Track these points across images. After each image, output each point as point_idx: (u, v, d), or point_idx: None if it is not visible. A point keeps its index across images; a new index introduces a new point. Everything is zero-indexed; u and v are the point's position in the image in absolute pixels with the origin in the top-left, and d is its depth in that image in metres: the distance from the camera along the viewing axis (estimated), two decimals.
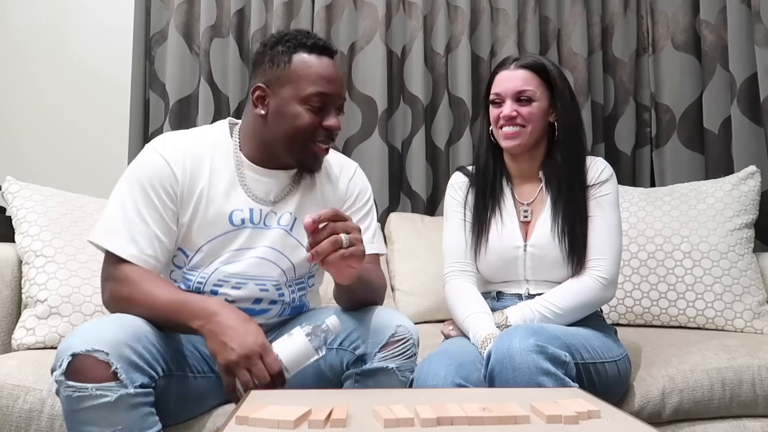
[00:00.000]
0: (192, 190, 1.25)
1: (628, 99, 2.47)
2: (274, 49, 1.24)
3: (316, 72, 1.23)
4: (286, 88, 1.23)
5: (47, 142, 2.23)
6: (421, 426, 0.80)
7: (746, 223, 1.88)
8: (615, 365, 1.33)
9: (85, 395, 0.98)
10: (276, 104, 1.24)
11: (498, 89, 1.46)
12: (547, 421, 0.83)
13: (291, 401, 0.90)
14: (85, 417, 0.98)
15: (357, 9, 2.38)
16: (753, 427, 1.47)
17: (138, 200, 1.21)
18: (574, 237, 1.42)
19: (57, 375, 0.99)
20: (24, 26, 2.25)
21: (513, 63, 1.47)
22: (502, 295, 1.50)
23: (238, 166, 1.28)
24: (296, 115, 1.23)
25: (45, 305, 1.51)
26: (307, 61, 1.23)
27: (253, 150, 1.29)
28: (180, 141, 1.29)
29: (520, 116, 1.43)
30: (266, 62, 1.25)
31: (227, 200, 1.26)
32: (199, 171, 1.26)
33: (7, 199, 1.67)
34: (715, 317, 1.81)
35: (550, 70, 1.46)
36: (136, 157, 1.27)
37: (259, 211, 1.28)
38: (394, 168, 2.36)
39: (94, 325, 1.05)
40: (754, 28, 2.19)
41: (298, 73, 1.22)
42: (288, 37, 1.25)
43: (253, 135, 1.29)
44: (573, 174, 1.45)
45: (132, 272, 1.18)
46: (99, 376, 0.98)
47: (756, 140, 2.23)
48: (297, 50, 1.23)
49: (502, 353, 1.16)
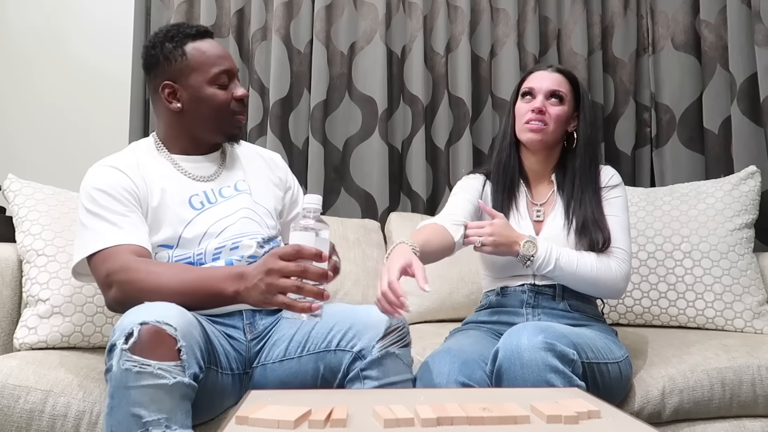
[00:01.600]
0: (150, 194, 1.32)
1: (628, 99, 2.47)
2: (164, 48, 1.34)
3: (212, 54, 1.35)
4: (192, 76, 1.34)
5: (48, 141, 2.23)
6: (421, 426, 0.80)
7: (746, 223, 1.88)
8: (617, 367, 1.33)
9: (145, 372, 0.96)
10: (189, 94, 1.34)
11: (532, 84, 1.54)
12: (547, 421, 0.83)
13: (291, 401, 0.91)
14: (138, 397, 0.96)
15: (357, 9, 2.38)
16: (753, 427, 1.47)
17: (103, 201, 1.27)
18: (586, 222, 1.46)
19: (120, 345, 0.97)
20: (24, 26, 2.25)
21: (551, 67, 1.57)
22: (506, 290, 1.51)
23: (173, 162, 1.38)
24: (211, 96, 1.34)
25: (47, 304, 1.51)
26: (200, 48, 1.35)
27: (177, 144, 1.39)
28: (120, 156, 1.38)
29: (547, 114, 1.50)
30: (162, 62, 1.35)
31: (181, 191, 1.35)
32: (149, 178, 1.34)
33: (8, 198, 1.67)
34: (715, 317, 1.81)
35: (581, 84, 1.57)
36: (84, 179, 1.33)
37: (211, 190, 1.38)
38: (394, 168, 2.37)
39: (154, 304, 1.04)
40: (754, 28, 2.19)
41: (197, 60, 1.34)
42: (171, 33, 1.35)
43: (175, 130, 1.39)
44: (588, 181, 1.52)
45: (140, 259, 1.19)
46: (163, 353, 0.98)
47: (756, 140, 2.22)
48: (185, 42, 1.35)
49: (511, 350, 1.16)
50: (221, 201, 1.37)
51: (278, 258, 1.06)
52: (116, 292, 1.18)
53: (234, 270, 1.14)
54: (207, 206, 1.36)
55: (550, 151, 1.56)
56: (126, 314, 1.04)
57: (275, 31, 2.29)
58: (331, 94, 2.34)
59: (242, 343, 1.29)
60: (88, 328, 1.53)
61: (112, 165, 1.34)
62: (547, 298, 1.47)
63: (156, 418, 0.96)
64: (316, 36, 2.30)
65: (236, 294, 1.11)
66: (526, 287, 1.49)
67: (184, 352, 0.99)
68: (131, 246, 1.22)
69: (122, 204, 1.28)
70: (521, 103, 1.55)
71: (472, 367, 1.23)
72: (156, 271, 1.17)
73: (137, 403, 0.96)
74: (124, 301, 1.16)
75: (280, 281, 1.06)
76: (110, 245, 1.21)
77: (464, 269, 2.01)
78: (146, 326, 0.98)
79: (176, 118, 1.37)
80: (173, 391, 0.98)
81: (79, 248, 1.27)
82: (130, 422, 0.96)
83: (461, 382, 1.19)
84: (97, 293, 1.54)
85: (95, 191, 1.28)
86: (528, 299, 1.48)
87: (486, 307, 1.54)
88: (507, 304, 1.50)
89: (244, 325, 1.32)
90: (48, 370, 1.30)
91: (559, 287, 1.48)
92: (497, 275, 1.53)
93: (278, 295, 1.07)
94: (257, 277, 1.08)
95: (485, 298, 1.57)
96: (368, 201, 2.30)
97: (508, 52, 2.38)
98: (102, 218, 1.26)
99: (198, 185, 1.37)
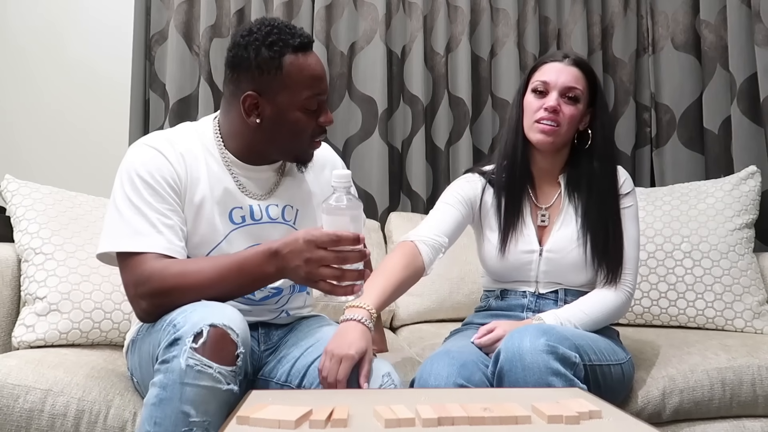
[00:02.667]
0: (193, 190, 1.23)
1: (628, 99, 2.47)
2: (260, 54, 1.18)
3: (310, 74, 1.20)
4: (282, 94, 1.19)
5: (47, 141, 2.23)
6: (422, 426, 0.80)
7: (746, 223, 1.88)
8: (620, 368, 1.33)
9: (205, 373, 0.97)
10: (272, 112, 1.20)
11: (546, 78, 1.40)
12: (548, 421, 0.83)
13: (292, 401, 0.90)
14: (192, 395, 0.97)
15: (357, 9, 2.38)
16: (753, 427, 1.47)
17: (146, 194, 1.18)
18: (606, 241, 1.39)
19: (189, 342, 0.97)
20: (24, 26, 2.25)
21: (567, 58, 1.41)
22: (507, 294, 1.49)
23: (227, 164, 1.27)
24: (296, 121, 1.21)
25: (44, 302, 1.51)
26: (299, 65, 1.19)
27: (240, 150, 1.27)
28: (169, 137, 1.26)
29: (561, 114, 1.38)
30: (253, 69, 1.18)
31: (226, 200, 1.25)
32: (196, 171, 1.23)
33: (5, 197, 1.67)
34: (715, 317, 1.81)
35: (597, 78, 1.43)
36: (127, 154, 1.24)
37: (258, 207, 1.27)
38: (394, 168, 2.36)
39: (215, 305, 1.04)
40: (754, 28, 2.19)
41: (292, 78, 1.18)
42: (272, 39, 1.18)
43: (242, 138, 1.25)
44: (605, 182, 1.42)
45: (168, 263, 1.13)
46: (223, 357, 0.98)
47: (756, 140, 2.23)
48: (285, 52, 1.18)
49: (512, 352, 1.16)
50: (265, 221, 1.28)
51: (315, 247, 1.05)
52: (147, 304, 1.13)
53: (267, 249, 1.11)
54: (249, 222, 1.26)
55: (558, 151, 1.46)
56: (190, 311, 1.03)
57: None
58: (331, 94, 2.34)
59: (255, 353, 1.28)
60: (86, 324, 1.52)
61: (157, 147, 1.22)
62: (549, 303, 1.45)
63: (202, 420, 0.97)
64: (316, 36, 2.29)
65: (278, 272, 1.10)
66: (527, 292, 1.46)
67: (241, 359, 1.00)
68: (164, 256, 1.15)
69: (164, 201, 1.18)
70: (532, 98, 1.41)
71: (471, 369, 1.21)
72: (190, 271, 1.12)
73: (190, 401, 0.97)
74: (156, 312, 1.12)
75: (320, 270, 1.05)
76: (143, 251, 1.14)
77: (464, 269, 2.01)
78: (215, 328, 0.98)
79: (249, 129, 1.23)
80: (221, 397, 0.98)
81: (111, 238, 1.18)
82: (177, 418, 0.97)
83: (459, 385, 1.18)
84: (94, 290, 1.54)
85: (137, 178, 1.18)
86: (529, 304, 1.46)
87: (485, 309, 1.53)
88: (508, 308, 1.48)
89: (258, 335, 1.31)
90: (47, 369, 1.30)
91: (561, 292, 1.45)
92: (498, 279, 1.51)
93: (319, 283, 1.07)
94: (294, 261, 1.07)
95: (485, 298, 1.55)
96: (368, 201, 2.30)
97: (508, 52, 2.38)
98: (141, 214, 1.16)
99: (246, 199, 1.26)
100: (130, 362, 1.28)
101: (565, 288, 1.45)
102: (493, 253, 1.46)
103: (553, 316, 1.36)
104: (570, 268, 1.42)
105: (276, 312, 1.34)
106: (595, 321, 1.38)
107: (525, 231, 1.45)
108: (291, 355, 1.24)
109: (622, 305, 1.41)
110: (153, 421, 0.98)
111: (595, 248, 1.40)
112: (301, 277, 1.08)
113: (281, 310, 1.34)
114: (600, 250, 1.40)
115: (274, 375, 1.25)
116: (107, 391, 1.29)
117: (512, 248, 1.45)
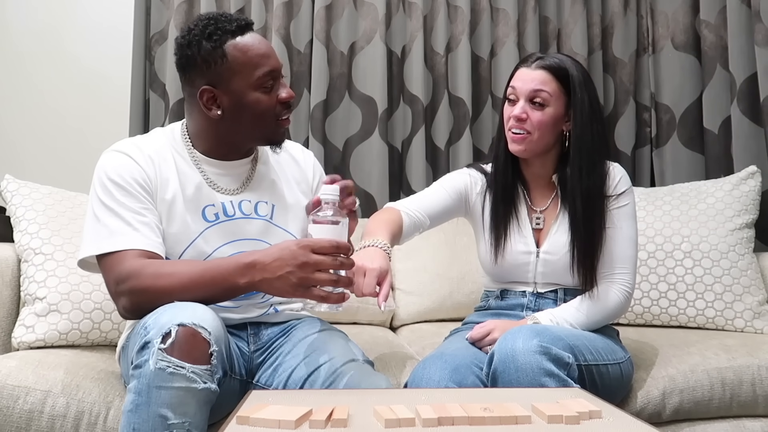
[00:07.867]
0: (164, 189, 1.24)
1: (628, 99, 2.47)
2: (202, 48, 1.19)
3: (255, 53, 1.21)
4: (234, 81, 1.21)
5: (47, 141, 2.23)
6: (423, 426, 0.80)
7: (746, 223, 1.88)
8: (618, 368, 1.32)
9: (178, 374, 0.96)
10: (230, 100, 1.22)
11: (515, 83, 1.40)
12: (548, 421, 0.83)
13: (292, 401, 0.90)
14: (167, 398, 0.96)
15: (357, 9, 2.38)
16: (753, 427, 1.47)
17: (118, 195, 1.20)
18: (587, 247, 1.39)
19: (157, 344, 0.96)
20: (24, 26, 2.25)
21: (535, 61, 1.39)
22: (507, 294, 1.50)
23: (197, 163, 1.28)
24: (255, 102, 1.22)
25: (44, 302, 1.51)
26: (241, 48, 1.20)
27: (210, 147, 1.29)
28: (137, 142, 1.28)
29: (529, 121, 1.37)
30: (201, 64, 1.20)
31: (197, 198, 1.26)
32: (165, 172, 1.25)
33: (5, 197, 1.67)
34: (716, 317, 1.81)
35: (573, 75, 1.37)
36: (98, 163, 1.26)
37: (230, 203, 1.28)
38: (394, 168, 2.36)
39: (186, 305, 1.03)
40: (754, 28, 2.19)
41: (238, 62, 1.20)
42: (209, 30, 1.20)
43: (210, 134, 1.27)
44: (591, 185, 1.39)
45: (146, 263, 1.14)
46: (196, 357, 0.97)
47: (756, 140, 2.22)
48: (225, 39, 1.20)
49: (506, 353, 1.16)
50: (239, 217, 1.29)
51: (311, 252, 1.05)
52: (126, 302, 1.14)
53: (243, 260, 1.10)
54: (222, 219, 1.27)
55: (544, 156, 1.44)
56: (160, 312, 1.02)
57: (275, 31, 2.28)
58: (331, 94, 2.34)
59: (245, 353, 1.28)
60: (86, 324, 1.52)
61: (125, 152, 1.25)
62: (549, 303, 1.45)
63: (180, 422, 0.96)
64: (316, 36, 2.29)
65: (249, 285, 1.10)
66: (527, 292, 1.47)
67: (215, 357, 0.99)
68: (143, 251, 1.16)
69: (137, 200, 1.20)
70: (507, 106, 1.42)
71: (464, 372, 1.21)
72: (164, 273, 1.13)
73: (165, 404, 0.96)
74: (135, 310, 1.13)
75: (315, 275, 1.05)
76: (122, 248, 1.15)
77: (465, 268, 2.01)
78: (183, 328, 0.97)
79: (213, 123, 1.25)
80: (199, 396, 0.98)
81: (90, 242, 1.20)
82: (155, 422, 0.96)
83: None
84: (94, 290, 1.54)
85: (109, 182, 1.21)
86: (529, 303, 1.46)
87: (485, 308, 1.53)
88: (508, 307, 1.48)
89: (248, 336, 1.30)
90: (47, 370, 1.30)
91: (561, 291, 1.46)
92: (498, 279, 1.51)
93: (312, 289, 1.06)
94: (284, 268, 1.05)
95: (485, 298, 1.56)
96: (368, 201, 2.30)
97: (508, 52, 2.38)
98: (116, 215, 1.18)
99: (217, 196, 1.28)
100: (123, 368, 1.28)
101: (565, 288, 1.45)
102: (490, 255, 1.48)
103: (548, 316, 1.37)
104: (566, 270, 1.42)
105: (263, 308, 1.33)
106: (592, 320, 1.38)
107: (522, 233, 1.46)
108: (287, 364, 1.23)
109: (621, 304, 1.41)
110: (131, 427, 0.97)
111: (578, 254, 1.40)
112: (292, 283, 1.05)
113: (268, 304, 1.33)
114: (578, 257, 1.39)
115: (270, 383, 1.24)
116: (107, 392, 1.29)
117: (509, 250, 1.46)
